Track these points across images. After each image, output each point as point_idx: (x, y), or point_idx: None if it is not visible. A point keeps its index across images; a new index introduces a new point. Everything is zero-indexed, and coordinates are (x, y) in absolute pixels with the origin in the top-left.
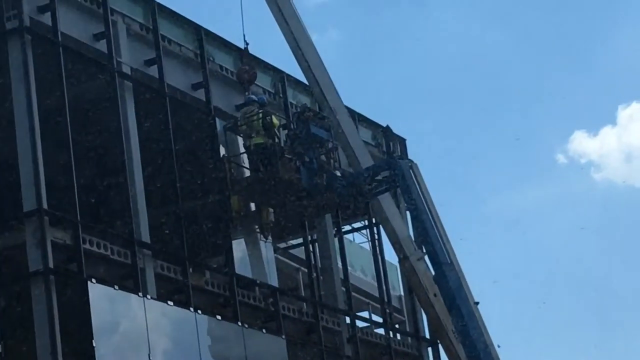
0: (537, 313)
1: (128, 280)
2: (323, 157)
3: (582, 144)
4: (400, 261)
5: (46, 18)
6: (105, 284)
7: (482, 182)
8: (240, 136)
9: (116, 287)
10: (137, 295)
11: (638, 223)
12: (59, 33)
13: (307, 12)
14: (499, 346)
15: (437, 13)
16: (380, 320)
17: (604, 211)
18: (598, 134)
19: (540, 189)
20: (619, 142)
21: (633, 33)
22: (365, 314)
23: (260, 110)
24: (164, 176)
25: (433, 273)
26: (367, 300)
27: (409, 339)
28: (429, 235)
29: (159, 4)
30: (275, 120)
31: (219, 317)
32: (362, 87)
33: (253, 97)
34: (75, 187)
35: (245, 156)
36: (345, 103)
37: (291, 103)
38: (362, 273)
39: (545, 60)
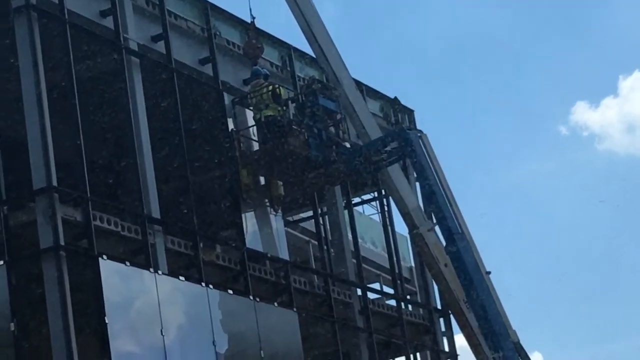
0: (556, 287)
1: (139, 256)
2: (332, 129)
3: (584, 115)
4: (410, 232)
5: None
6: (116, 261)
7: (486, 154)
8: (250, 109)
9: (127, 263)
10: (148, 271)
11: None
12: (66, 10)
13: None
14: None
15: None
16: (391, 291)
17: (607, 183)
18: (599, 105)
19: (544, 161)
20: (621, 113)
21: (633, 2)
22: (376, 286)
23: (270, 83)
24: (173, 151)
25: (444, 243)
26: (378, 272)
27: (421, 309)
28: (439, 205)
29: None
30: (283, 93)
31: (230, 291)
32: (366, 59)
33: (259, 68)
34: (85, 164)
35: (253, 130)
36: (352, 74)
37: (299, 76)
38: (372, 245)
39: (545, 32)
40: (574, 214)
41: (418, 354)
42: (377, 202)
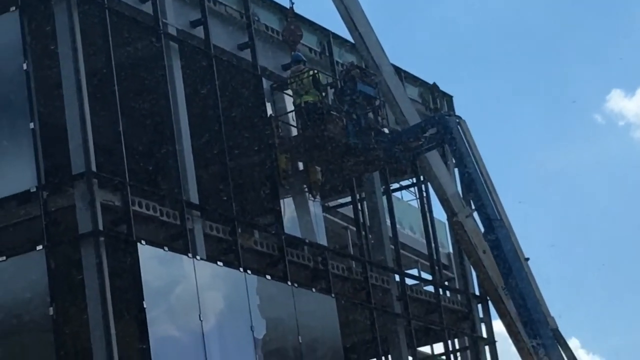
0: (597, 275)
1: (177, 241)
2: (370, 115)
3: (619, 104)
4: (448, 218)
5: None
6: (154, 246)
7: (522, 141)
8: (290, 95)
9: (166, 248)
10: (186, 256)
11: None
12: None
13: None
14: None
15: None
16: (429, 277)
17: None
18: (635, 94)
19: (580, 149)
20: None
21: None
22: (414, 272)
23: (310, 69)
24: (212, 137)
25: (482, 230)
26: (416, 258)
27: (459, 296)
28: (478, 192)
29: None
30: (322, 79)
31: (268, 277)
32: (404, 44)
33: (300, 54)
34: (124, 150)
35: (292, 115)
36: (391, 61)
37: (337, 62)
38: (410, 231)
39: (581, 19)
40: (611, 202)
41: (456, 341)
42: (416, 188)
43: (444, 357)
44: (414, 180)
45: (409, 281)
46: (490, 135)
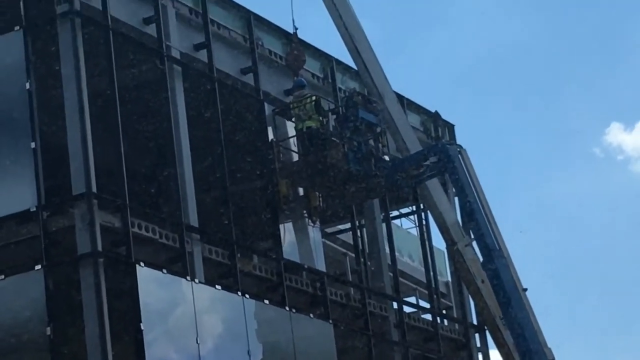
0: (594, 308)
1: (176, 264)
2: (371, 142)
3: (618, 137)
4: (448, 247)
5: (96, 2)
6: (153, 268)
7: (521, 171)
8: (292, 120)
9: (164, 270)
10: (185, 279)
11: None
12: (109, 17)
13: None
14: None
15: (470, 3)
16: (427, 305)
17: None
18: (634, 127)
19: (579, 180)
20: None
21: None
22: (412, 300)
23: (313, 94)
24: (213, 160)
25: (481, 259)
26: (415, 286)
27: (456, 325)
28: (477, 221)
29: None
30: (324, 104)
31: (266, 302)
32: (406, 73)
33: (302, 79)
34: (124, 171)
35: (293, 140)
36: (393, 88)
37: (340, 88)
38: (409, 258)
39: (582, 50)
40: (608, 233)
41: None
42: (415, 215)
43: None
44: (414, 208)
45: (407, 309)
46: (490, 165)
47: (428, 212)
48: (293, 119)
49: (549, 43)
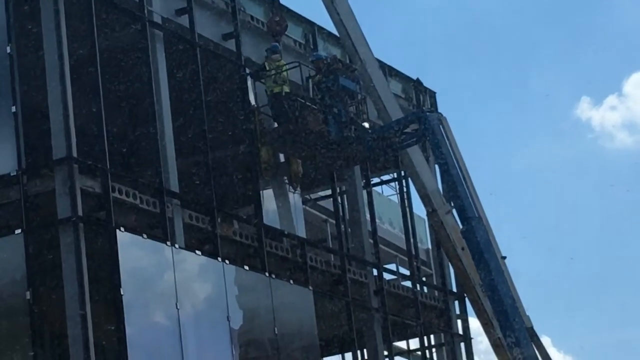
0: (565, 268)
1: (157, 229)
2: (352, 109)
3: (587, 112)
4: (428, 214)
5: None
6: (133, 233)
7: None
8: (262, 82)
9: (145, 235)
10: (165, 244)
11: None
12: None
13: None
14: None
15: None
16: (407, 273)
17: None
18: (602, 103)
19: (554, 147)
20: (625, 112)
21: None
22: (392, 267)
23: (288, 63)
24: (194, 126)
25: (461, 227)
26: (395, 253)
27: (436, 292)
28: (457, 189)
29: None
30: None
31: (246, 268)
32: (388, 41)
33: (277, 45)
34: (105, 136)
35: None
36: (375, 55)
37: (321, 55)
38: (390, 226)
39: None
40: (584, 197)
41: (432, 337)
42: (396, 183)
43: (419, 352)
44: (395, 175)
45: (387, 276)
46: (467, 131)
47: (409, 179)
48: (263, 80)
49: (525, 13)
